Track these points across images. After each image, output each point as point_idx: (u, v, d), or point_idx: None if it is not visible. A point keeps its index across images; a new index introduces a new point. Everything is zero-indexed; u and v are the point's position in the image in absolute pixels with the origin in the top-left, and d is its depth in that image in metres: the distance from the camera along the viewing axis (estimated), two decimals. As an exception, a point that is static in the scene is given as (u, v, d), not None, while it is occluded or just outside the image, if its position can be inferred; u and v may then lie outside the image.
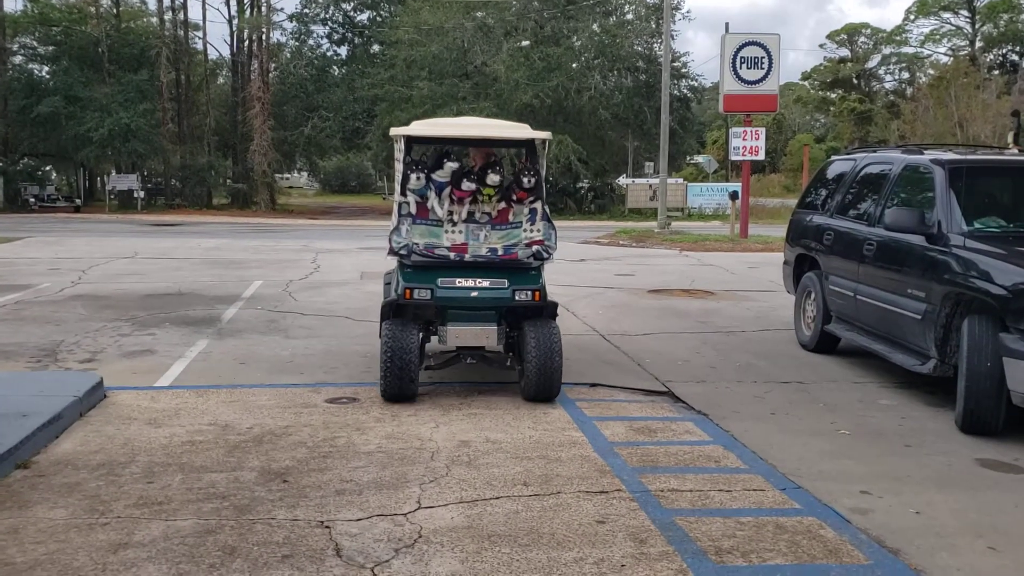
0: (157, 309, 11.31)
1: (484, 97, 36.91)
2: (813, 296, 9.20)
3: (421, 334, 7.00)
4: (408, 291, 6.78)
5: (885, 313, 7.66)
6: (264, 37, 43.89)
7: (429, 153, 7.83)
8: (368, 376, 7.69)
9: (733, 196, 25.87)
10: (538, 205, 7.27)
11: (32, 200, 39.77)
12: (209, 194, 45.62)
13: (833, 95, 71.85)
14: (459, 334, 6.93)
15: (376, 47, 47.62)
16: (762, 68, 24.07)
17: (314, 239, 24.50)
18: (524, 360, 6.83)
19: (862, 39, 71.40)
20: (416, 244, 7.00)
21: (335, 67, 49.94)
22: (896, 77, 71.12)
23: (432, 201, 7.14)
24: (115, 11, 45.78)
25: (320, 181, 76.47)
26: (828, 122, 73.27)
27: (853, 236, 8.40)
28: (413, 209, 7.15)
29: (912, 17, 65.05)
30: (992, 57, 60.29)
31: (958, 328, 6.62)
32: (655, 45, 39.48)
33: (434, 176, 7.13)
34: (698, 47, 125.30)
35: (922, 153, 8.03)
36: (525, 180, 7.10)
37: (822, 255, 9.08)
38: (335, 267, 16.76)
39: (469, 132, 7.68)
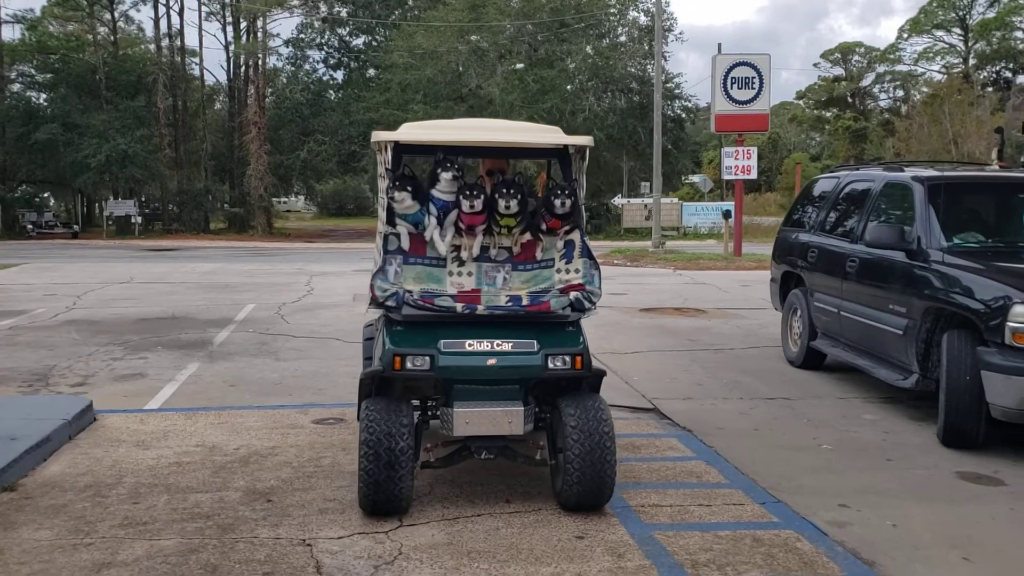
0: (150, 333, 11.37)
1: (479, 119, 37.14)
2: (799, 313, 9.27)
3: (417, 415, 5.24)
4: (398, 359, 4.85)
5: (868, 329, 7.73)
6: (260, 62, 44.27)
7: (428, 166, 5.71)
8: (355, 397, 7.70)
9: (726, 215, 26.05)
10: (575, 236, 5.38)
11: (30, 227, 40.02)
12: (206, 219, 45.80)
13: (828, 114, 72.29)
14: (470, 419, 4.90)
15: (371, 71, 48.11)
16: (753, 88, 24.32)
17: (309, 262, 24.60)
18: (561, 452, 4.96)
19: (856, 58, 71.88)
20: (409, 292, 5.06)
21: (331, 91, 50.39)
22: (890, 95, 71.60)
23: (431, 231, 5.17)
24: (112, 38, 46.20)
25: (317, 204, 76.83)
26: (823, 140, 73.62)
27: (836, 253, 8.49)
28: (405, 243, 5.20)
29: (905, 36, 65.55)
30: (985, 74, 60.74)
31: (938, 343, 6.69)
32: (648, 66, 39.83)
33: (435, 192, 5.18)
34: (691, 67, 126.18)
35: (902, 170, 8.14)
36: (558, 203, 5.16)
37: (807, 272, 9.16)
38: (329, 289, 16.84)
39: (480, 136, 5.57)
